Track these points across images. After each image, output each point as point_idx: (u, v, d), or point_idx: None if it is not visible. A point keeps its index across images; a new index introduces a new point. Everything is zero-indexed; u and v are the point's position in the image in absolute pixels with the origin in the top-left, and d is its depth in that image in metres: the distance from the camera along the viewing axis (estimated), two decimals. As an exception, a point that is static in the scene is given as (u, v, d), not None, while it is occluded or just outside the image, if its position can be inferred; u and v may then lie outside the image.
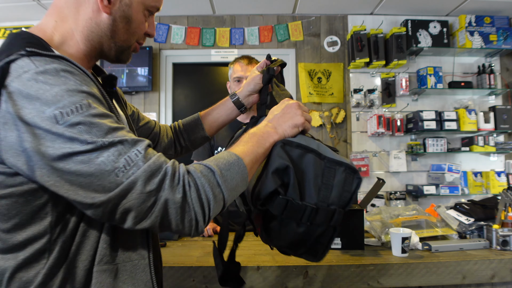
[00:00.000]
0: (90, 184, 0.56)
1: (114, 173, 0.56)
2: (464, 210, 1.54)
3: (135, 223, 0.59)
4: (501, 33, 2.89)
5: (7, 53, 0.58)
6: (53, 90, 0.56)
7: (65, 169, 0.55)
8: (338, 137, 3.08)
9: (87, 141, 0.55)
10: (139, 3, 0.72)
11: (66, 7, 0.69)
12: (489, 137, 2.89)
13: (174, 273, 1.19)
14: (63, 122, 0.55)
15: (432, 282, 1.23)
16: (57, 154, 0.55)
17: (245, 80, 1.82)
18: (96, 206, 0.57)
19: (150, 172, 0.57)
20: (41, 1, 2.78)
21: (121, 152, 0.57)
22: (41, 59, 0.58)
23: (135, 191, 0.56)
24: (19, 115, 0.55)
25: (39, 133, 0.55)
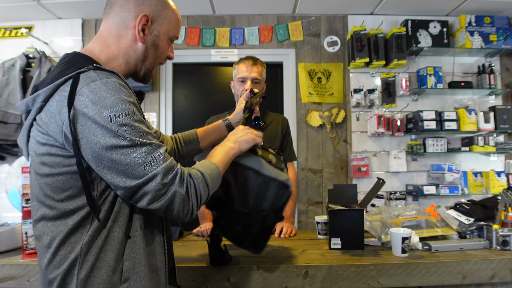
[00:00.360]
0: (124, 171, 0.77)
1: (143, 166, 0.77)
2: (464, 210, 1.54)
3: (148, 204, 0.79)
4: (501, 33, 2.89)
5: (77, 66, 0.80)
6: (111, 98, 0.77)
7: (109, 157, 0.76)
8: (338, 137, 3.08)
9: (129, 139, 0.76)
10: (164, 34, 0.95)
11: (109, 37, 0.91)
12: (489, 137, 2.89)
13: (174, 273, 1.19)
14: (115, 122, 0.76)
15: (432, 282, 1.23)
16: (107, 145, 0.75)
17: (249, 81, 1.83)
18: (125, 188, 0.78)
19: (167, 169, 0.80)
20: (41, 1, 2.78)
21: (149, 151, 0.79)
22: (102, 73, 0.80)
23: (155, 181, 0.78)
24: (83, 112, 0.75)
25: (96, 127, 0.75)
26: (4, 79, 2.83)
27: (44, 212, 0.81)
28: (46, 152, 0.79)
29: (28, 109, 0.83)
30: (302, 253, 1.37)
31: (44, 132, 0.79)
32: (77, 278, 0.78)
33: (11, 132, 2.79)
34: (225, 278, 1.20)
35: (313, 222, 2.86)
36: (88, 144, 0.76)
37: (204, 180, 0.87)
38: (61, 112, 0.76)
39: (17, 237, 1.43)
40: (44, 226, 0.81)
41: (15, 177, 1.59)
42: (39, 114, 0.80)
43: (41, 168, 0.81)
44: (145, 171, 0.77)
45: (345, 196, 1.56)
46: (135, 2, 0.90)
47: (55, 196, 0.80)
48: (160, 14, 0.93)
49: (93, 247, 0.80)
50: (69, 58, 0.86)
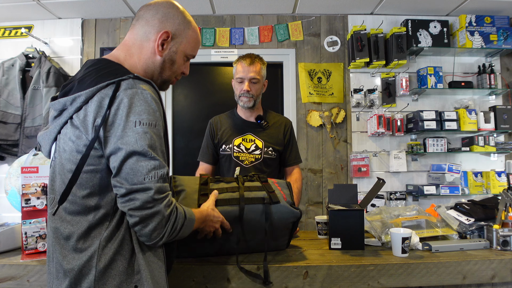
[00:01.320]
0: (127, 174, 0.83)
1: (143, 176, 0.83)
2: (464, 210, 1.53)
3: (131, 209, 0.84)
4: (502, 33, 2.89)
5: (116, 73, 0.90)
6: (141, 106, 0.86)
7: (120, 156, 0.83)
8: (338, 137, 3.08)
9: (143, 147, 0.84)
10: (181, 51, 1.04)
11: (133, 47, 1.00)
12: (489, 137, 2.88)
13: (174, 273, 1.19)
14: (138, 127, 0.84)
15: (432, 282, 1.23)
16: (123, 146, 0.83)
17: (246, 81, 1.81)
18: (119, 187, 0.84)
19: (161, 189, 0.86)
20: (41, 1, 2.78)
21: (155, 167, 0.85)
22: (141, 82, 0.89)
23: (146, 194, 0.83)
24: (114, 113, 0.84)
25: (120, 128, 0.83)
26: (3, 79, 2.83)
27: (65, 206, 0.88)
28: (75, 149, 0.86)
29: (63, 108, 0.90)
30: (302, 253, 1.37)
31: (77, 129, 0.86)
32: (96, 269, 0.84)
33: (10, 132, 2.79)
34: (225, 278, 1.20)
35: (313, 222, 2.86)
36: (110, 141, 0.84)
37: (184, 220, 0.93)
38: (97, 112, 0.85)
39: (16, 237, 1.43)
40: (63, 219, 0.88)
41: (15, 177, 1.59)
42: (77, 113, 0.87)
43: (68, 164, 0.88)
44: (143, 181, 0.83)
45: (345, 196, 1.56)
46: (160, 19, 0.99)
47: (78, 192, 0.86)
48: (181, 33, 1.02)
49: (111, 242, 0.86)
50: (103, 64, 0.94)
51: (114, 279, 0.85)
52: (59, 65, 3.01)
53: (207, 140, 1.98)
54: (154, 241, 0.87)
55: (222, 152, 1.91)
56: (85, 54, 3.14)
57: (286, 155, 1.95)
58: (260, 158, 1.87)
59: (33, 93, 2.81)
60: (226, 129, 1.95)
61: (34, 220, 1.30)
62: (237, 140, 1.90)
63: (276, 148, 1.91)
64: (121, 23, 3.16)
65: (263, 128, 1.92)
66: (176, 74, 1.07)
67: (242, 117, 1.96)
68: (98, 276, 0.84)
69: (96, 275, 0.84)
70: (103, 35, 3.15)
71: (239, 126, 1.94)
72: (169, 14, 1.00)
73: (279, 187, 1.38)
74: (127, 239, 0.88)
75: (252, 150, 1.88)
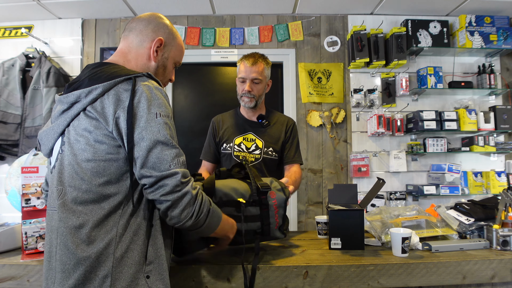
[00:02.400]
0: (154, 163, 0.89)
1: (169, 163, 0.90)
2: (464, 210, 1.53)
3: (162, 195, 0.90)
4: (501, 33, 2.89)
5: (126, 71, 0.96)
6: (160, 99, 0.93)
7: (146, 147, 0.89)
8: (338, 137, 3.08)
9: (166, 137, 0.91)
10: (171, 58, 1.14)
11: (129, 54, 1.08)
12: (489, 137, 2.89)
13: (174, 273, 1.19)
14: (160, 119, 0.91)
15: (432, 282, 1.23)
16: (148, 136, 0.89)
17: (248, 81, 1.80)
18: (149, 177, 0.89)
19: (185, 173, 0.93)
20: (41, 1, 2.78)
21: (177, 154, 0.93)
22: (153, 79, 0.98)
23: (176, 178, 0.90)
24: (136, 106, 0.90)
25: (144, 120, 0.89)
26: (3, 79, 2.83)
27: (76, 195, 0.91)
28: (93, 139, 0.91)
29: (77, 100, 0.94)
30: (302, 253, 1.37)
31: (94, 119, 0.91)
32: (114, 257, 0.88)
33: (10, 132, 2.79)
34: (225, 278, 1.20)
35: (313, 222, 2.86)
36: (135, 133, 0.89)
37: (209, 207, 1.00)
38: (117, 105, 0.90)
39: (17, 237, 1.43)
40: (73, 210, 0.90)
41: (15, 177, 1.59)
42: (92, 105, 0.91)
43: (83, 154, 0.91)
44: (169, 168, 0.90)
45: (345, 196, 1.56)
46: (152, 29, 1.09)
47: (94, 180, 0.90)
48: (171, 41, 1.13)
49: (127, 230, 0.91)
50: (108, 65, 1.00)
51: (130, 267, 0.89)
52: (59, 65, 3.01)
53: (209, 138, 1.98)
54: (183, 221, 0.93)
55: (223, 151, 1.91)
56: (85, 54, 3.14)
57: (285, 153, 1.92)
58: (259, 158, 1.87)
59: (33, 93, 2.81)
60: (227, 127, 1.95)
61: (34, 220, 1.30)
62: (238, 139, 1.90)
63: (277, 149, 1.90)
64: (121, 23, 3.16)
65: (264, 127, 1.92)
66: (166, 80, 1.17)
67: (244, 116, 1.96)
68: (115, 264, 0.88)
69: (114, 262, 0.88)
70: (103, 35, 3.15)
71: (241, 125, 1.94)
72: (160, 25, 1.11)
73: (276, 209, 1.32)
74: (142, 228, 0.93)
75: (252, 149, 1.88)
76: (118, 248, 0.89)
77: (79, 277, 0.87)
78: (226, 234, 1.15)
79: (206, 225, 0.99)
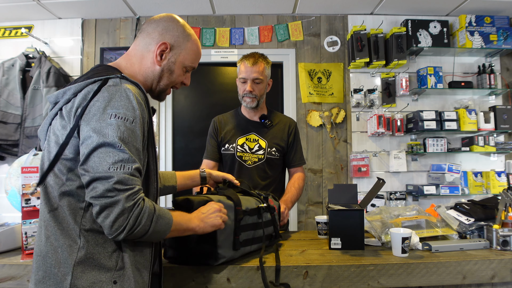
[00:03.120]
0: (94, 162, 0.85)
1: (108, 166, 0.85)
2: (464, 210, 1.53)
3: (92, 198, 0.85)
4: (501, 33, 2.89)
5: (107, 72, 0.96)
6: (120, 102, 0.89)
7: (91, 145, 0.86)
8: (338, 137, 3.08)
9: (114, 139, 0.86)
10: (180, 62, 1.09)
11: (134, 57, 1.07)
12: (489, 137, 2.89)
13: (174, 273, 1.19)
14: (113, 120, 0.87)
15: (432, 282, 1.23)
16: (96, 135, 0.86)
17: (249, 82, 1.80)
18: (84, 176, 0.86)
19: (124, 180, 0.85)
20: (41, 1, 2.78)
21: (123, 159, 0.86)
22: (126, 81, 0.95)
23: (108, 182, 0.84)
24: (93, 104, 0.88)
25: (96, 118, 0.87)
26: (3, 79, 2.83)
27: (50, 190, 0.93)
28: (60, 138, 0.92)
29: (56, 100, 0.96)
30: (302, 253, 1.37)
31: (64, 121, 0.92)
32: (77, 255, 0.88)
33: (10, 132, 2.79)
34: (225, 278, 1.20)
35: (313, 222, 2.86)
36: (83, 128, 0.87)
37: (152, 216, 0.91)
38: (81, 104, 0.90)
39: (16, 237, 1.43)
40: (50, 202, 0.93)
41: (15, 177, 1.59)
42: (66, 105, 0.93)
43: (52, 153, 0.93)
44: (108, 171, 0.84)
45: (345, 196, 1.56)
46: (160, 32, 1.06)
47: (61, 178, 0.92)
48: (180, 44, 1.08)
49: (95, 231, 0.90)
50: (101, 67, 1.02)
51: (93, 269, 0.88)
52: (59, 65, 3.01)
53: (210, 138, 1.98)
54: (114, 234, 0.85)
55: (224, 151, 1.91)
56: (85, 54, 3.14)
57: (290, 156, 1.95)
58: (263, 159, 1.87)
59: (33, 93, 2.81)
60: (229, 128, 1.94)
61: (34, 220, 1.30)
62: (241, 139, 1.90)
63: (280, 149, 1.90)
64: (121, 23, 3.16)
65: (267, 127, 1.92)
66: (175, 84, 1.12)
67: (246, 116, 1.96)
68: (77, 262, 0.88)
69: (77, 260, 0.88)
70: (103, 35, 3.15)
71: (243, 126, 1.93)
72: (169, 27, 1.07)
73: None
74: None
75: (255, 150, 1.88)
76: (84, 247, 0.88)
77: (46, 269, 0.89)
78: (188, 229, 1.06)
79: (150, 234, 0.91)
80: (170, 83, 1.10)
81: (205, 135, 2.03)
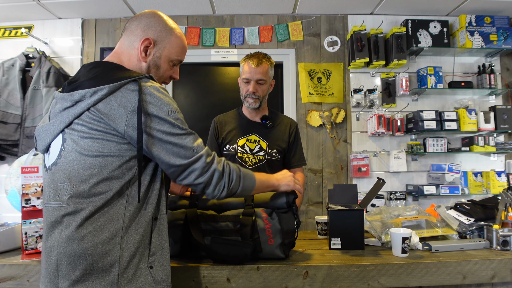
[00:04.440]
0: (178, 152, 0.97)
1: (192, 149, 0.99)
2: (464, 210, 1.53)
3: (195, 179, 1.00)
4: (501, 33, 2.89)
5: (131, 73, 0.99)
6: (166, 98, 0.98)
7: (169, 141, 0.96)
8: (338, 137, 3.08)
9: (182, 128, 0.98)
10: (165, 57, 1.11)
11: (122, 54, 1.08)
12: (489, 137, 2.89)
13: (174, 273, 1.19)
14: (171, 116, 0.97)
15: (432, 282, 1.23)
16: (167, 131, 0.96)
17: (253, 82, 1.80)
18: (179, 166, 0.98)
19: (208, 152, 1.03)
20: (41, 1, 2.78)
21: (195, 139, 1.01)
22: (153, 80, 1.01)
23: (201, 161, 1.00)
24: (148, 107, 0.94)
25: (159, 119, 0.95)
26: (3, 79, 2.83)
27: (83, 189, 0.93)
28: (99, 137, 0.93)
29: (81, 99, 0.95)
30: (302, 253, 1.37)
31: (100, 121, 0.92)
32: (120, 247, 0.92)
33: (10, 132, 2.79)
34: (225, 278, 1.20)
35: (313, 222, 2.86)
36: (153, 132, 0.94)
37: (239, 173, 1.09)
38: (125, 106, 0.92)
39: (16, 237, 1.43)
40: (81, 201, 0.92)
41: (15, 177, 1.59)
42: (96, 105, 0.93)
43: (90, 149, 0.93)
44: (194, 153, 0.98)
45: (345, 196, 1.56)
46: (142, 28, 1.08)
47: (102, 174, 0.93)
48: (164, 39, 1.09)
49: (133, 222, 0.95)
50: (106, 65, 1.02)
51: (134, 257, 0.94)
52: (59, 65, 3.01)
53: (211, 138, 1.97)
54: (218, 194, 1.04)
55: (225, 152, 1.90)
56: (85, 54, 3.14)
57: (289, 157, 1.93)
58: (263, 160, 1.86)
59: (33, 93, 2.81)
60: (230, 128, 1.93)
61: (34, 220, 1.30)
62: (241, 140, 1.89)
63: (281, 150, 1.89)
64: (121, 23, 3.16)
65: (268, 128, 1.91)
66: (163, 79, 1.14)
67: (247, 116, 1.95)
68: (122, 254, 0.92)
69: (121, 252, 0.92)
70: (103, 35, 3.15)
71: (244, 126, 1.92)
72: (151, 23, 1.08)
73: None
74: (146, 221, 0.97)
75: (256, 151, 1.87)
76: (124, 238, 0.92)
77: (86, 267, 0.89)
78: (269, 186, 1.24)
79: (241, 189, 1.09)
80: (158, 79, 1.12)
81: (205, 135, 2.02)
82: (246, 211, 1.26)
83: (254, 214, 1.26)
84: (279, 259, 1.27)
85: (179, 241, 1.27)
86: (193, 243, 1.23)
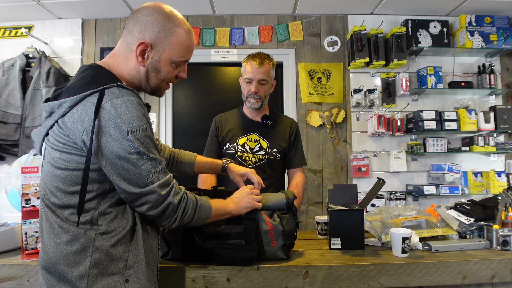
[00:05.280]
0: (131, 179, 0.90)
1: (146, 177, 0.91)
2: (464, 210, 1.53)
3: (146, 211, 0.94)
4: (501, 33, 2.89)
5: (102, 81, 0.91)
6: (129, 114, 0.88)
7: (121, 165, 0.89)
8: (338, 137, 3.08)
9: (140, 152, 0.90)
10: (166, 59, 1.02)
11: (120, 56, 1.01)
12: (489, 137, 2.89)
13: (174, 273, 1.19)
14: (130, 136, 0.88)
15: (432, 282, 1.23)
16: (121, 155, 0.88)
17: (255, 83, 1.80)
18: (130, 193, 0.91)
19: (165, 183, 0.95)
20: (41, 1, 2.78)
21: (153, 165, 0.93)
22: (124, 90, 0.91)
23: (156, 194, 0.93)
24: (105, 124, 0.87)
25: (114, 139, 0.87)
26: (3, 79, 2.83)
27: (53, 201, 0.92)
28: (64, 150, 0.91)
29: (52, 111, 0.94)
30: (302, 253, 1.37)
31: (64, 134, 0.90)
32: (91, 259, 0.89)
33: (10, 132, 2.79)
34: (225, 278, 1.20)
35: (313, 222, 2.86)
36: (106, 152, 0.88)
37: (195, 206, 1.04)
38: (83, 120, 0.87)
39: (16, 237, 1.43)
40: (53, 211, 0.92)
41: (15, 177, 1.59)
42: (63, 118, 0.90)
43: (58, 162, 0.91)
44: (147, 182, 0.91)
45: (345, 196, 1.56)
46: (139, 29, 0.98)
47: (68, 188, 0.91)
48: (162, 41, 0.99)
49: (106, 234, 0.91)
50: (92, 70, 0.97)
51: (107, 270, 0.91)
52: (59, 65, 3.01)
53: (211, 137, 1.98)
54: (167, 225, 0.99)
55: (225, 150, 1.90)
56: (85, 54, 3.14)
57: (290, 157, 1.94)
58: (264, 159, 1.87)
59: (33, 93, 2.81)
60: (231, 127, 1.94)
61: (34, 220, 1.30)
62: (242, 139, 1.89)
63: (281, 150, 1.90)
64: (121, 23, 3.16)
65: (269, 127, 1.91)
66: (168, 80, 1.07)
67: (248, 116, 1.95)
68: (92, 265, 0.89)
69: (91, 264, 0.89)
70: (103, 35, 3.15)
71: (245, 125, 1.93)
72: (148, 23, 0.98)
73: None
74: (122, 233, 0.94)
75: (256, 150, 1.87)
76: (97, 250, 0.89)
77: (58, 275, 0.88)
78: (226, 213, 1.18)
79: (194, 221, 1.04)
80: (161, 81, 1.04)
81: (205, 135, 2.03)
82: (249, 215, 1.26)
83: (257, 217, 1.26)
84: (280, 260, 1.27)
85: (181, 244, 1.26)
86: (195, 246, 1.23)
